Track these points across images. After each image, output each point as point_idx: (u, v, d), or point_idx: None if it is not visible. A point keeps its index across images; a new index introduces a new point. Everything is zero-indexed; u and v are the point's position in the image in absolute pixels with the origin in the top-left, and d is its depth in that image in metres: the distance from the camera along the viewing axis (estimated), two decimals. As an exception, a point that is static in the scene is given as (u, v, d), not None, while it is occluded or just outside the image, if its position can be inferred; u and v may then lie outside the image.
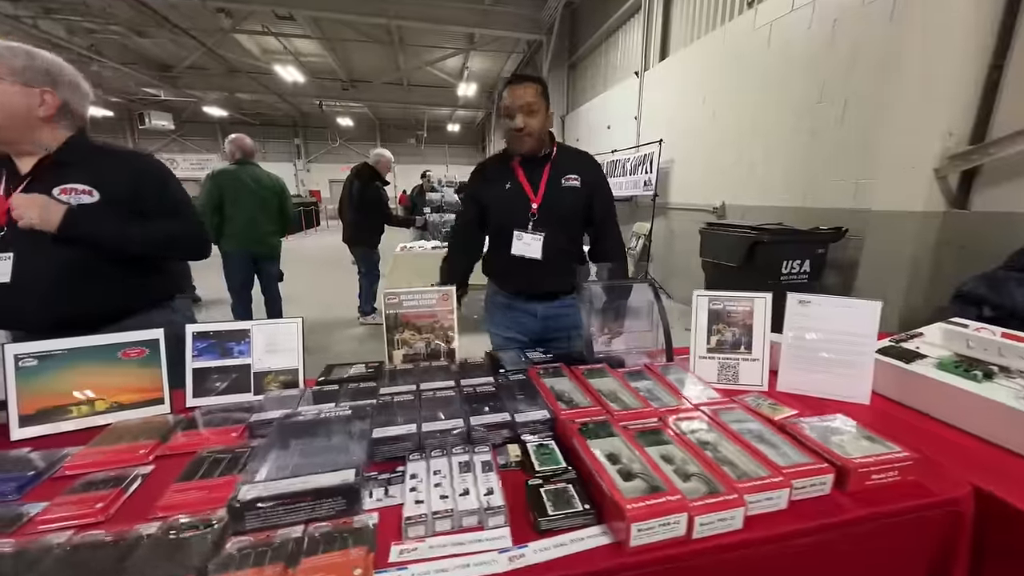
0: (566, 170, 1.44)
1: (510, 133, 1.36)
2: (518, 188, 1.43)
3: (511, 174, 1.44)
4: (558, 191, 1.42)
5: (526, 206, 1.42)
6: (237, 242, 3.20)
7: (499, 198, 1.45)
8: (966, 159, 2.23)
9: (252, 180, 3.18)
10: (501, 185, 1.44)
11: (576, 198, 1.45)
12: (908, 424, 0.97)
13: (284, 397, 1.00)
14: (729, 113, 4.16)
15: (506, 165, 1.46)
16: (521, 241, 1.41)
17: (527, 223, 1.41)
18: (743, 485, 0.68)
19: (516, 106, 1.31)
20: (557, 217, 1.42)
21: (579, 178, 1.44)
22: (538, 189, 1.42)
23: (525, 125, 1.32)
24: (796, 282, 2.87)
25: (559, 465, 0.77)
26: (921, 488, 0.76)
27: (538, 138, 1.37)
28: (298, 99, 14.21)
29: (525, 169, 1.43)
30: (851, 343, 1.07)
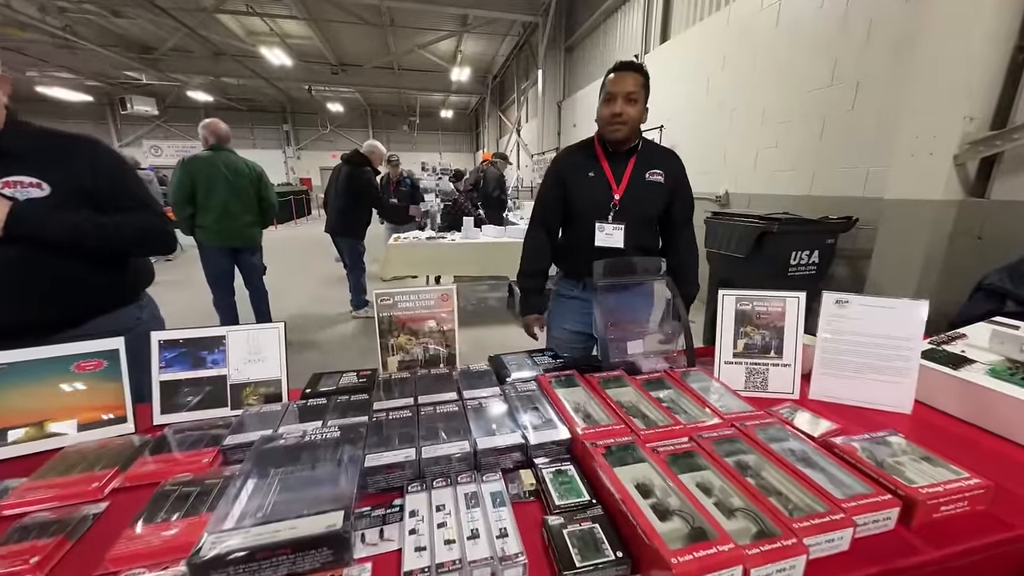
0: (651, 165, 1.41)
1: (606, 119, 1.34)
2: (601, 177, 1.40)
3: (595, 163, 1.42)
4: (641, 184, 1.40)
5: (608, 196, 1.39)
6: (213, 234, 3.00)
7: (581, 186, 1.41)
8: (988, 145, 2.13)
9: (226, 167, 2.95)
10: (584, 173, 1.41)
11: (658, 194, 1.42)
12: (960, 438, 0.88)
13: (264, 414, 0.88)
14: (733, 97, 4.02)
15: (591, 153, 1.44)
16: (603, 232, 1.39)
17: (608, 214, 1.39)
18: (801, 525, 0.58)
19: (618, 92, 1.29)
20: (638, 211, 1.40)
21: (663, 174, 1.41)
22: (621, 180, 1.40)
23: (623, 112, 1.30)
24: (804, 273, 2.78)
25: (582, 498, 0.67)
26: (993, 520, 0.67)
27: (632, 128, 1.34)
28: (286, 84, 13.79)
29: (609, 159, 1.41)
30: (893, 347, 0.97)
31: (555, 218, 1.51)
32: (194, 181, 2.87)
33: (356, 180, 3.94)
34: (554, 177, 1.49)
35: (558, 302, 1.58)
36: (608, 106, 1.32)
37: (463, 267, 4.11)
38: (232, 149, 3.08)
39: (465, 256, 4.04)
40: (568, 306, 1.54)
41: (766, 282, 2.72)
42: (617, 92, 1.30)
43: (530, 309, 1.55)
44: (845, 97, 2.94)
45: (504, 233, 4.25)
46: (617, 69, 1.33)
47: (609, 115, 1.32)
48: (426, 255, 4.04)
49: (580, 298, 1.51)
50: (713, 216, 3.20)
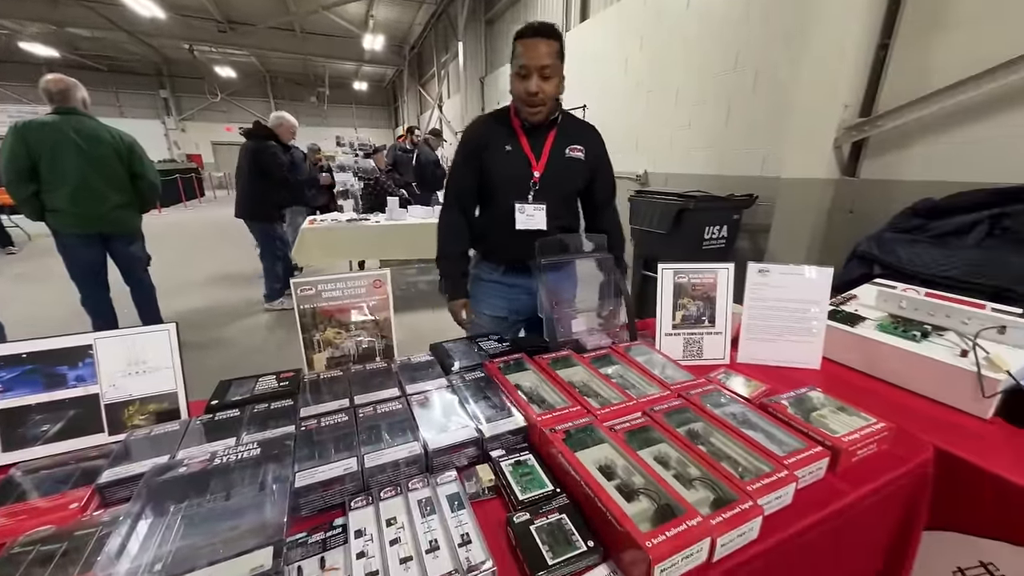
0: (571, 140, 1.32)
1: (522, 97, 1.20)
2: (519, 153, 1.28)
3: (512, 137, 1.29)
4: (561, 161, 1.30)
5: (527, 173, 1.28)
6: (70, 219, 2.41)
7: (498, 163, 1.29)
8: (858, 130, 2.46)
9: (79, 135, 2.36)
10: (500, 147, 1.28)
11: (579, 171, 1.34)
12: (859, 387, 1.00)
13: (156, 436, 0.72)
14: (650, 77, 4.19)
15: (506, 126, 1.30)
16: (523, 214, 1.29)
17: (527, 193, 1.29)
18: (754, 487, 0.60)
19: (532, 67, 1.15)
20: (559, 189, 1.31)
21: (583, 151, 1.33)
22: (540, 156, 1.29)
23: (540, 91, 1.17)
24: (715, 247, 3.04)
25: (545, 488, 0.63)
26: (895, 456, 0.76)
27: (551, 106, 1.23)
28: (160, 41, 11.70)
29: (527, 134, 1.29)
30: (805, 310, 1.07)
31: (470, 196, 1.39)
32: (30, 151, 2.26)
33: (260, 156, 3.48)
34: (467, 151, 1.34)
35: (477, 286, 1.46)
36: (523, 82, 1.18)
37: (389, 250, 3.88)
38: (89, 114, 2.48)
39: (391, 239, 3.80)
40: (487, 290, 1.44)
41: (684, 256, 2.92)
42: (531, 66, 1.16)
43: (456, 293, 1.42)
44: (746, 81, 3.20)
45: (432, 214, 4.07)
46: (527, 35, 1.16)
47: (525, 94, 1.18)
48: (347, 239, 3.74)
49: (500, 282, 1.42)
50: (636, 194, 3.34)
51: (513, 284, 1.41)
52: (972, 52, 2.05)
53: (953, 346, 0.95)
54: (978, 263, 1.73)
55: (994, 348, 0.91)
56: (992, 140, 2.05)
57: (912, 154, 2.36)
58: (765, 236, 2.96)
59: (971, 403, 0.87)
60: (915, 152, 2.35)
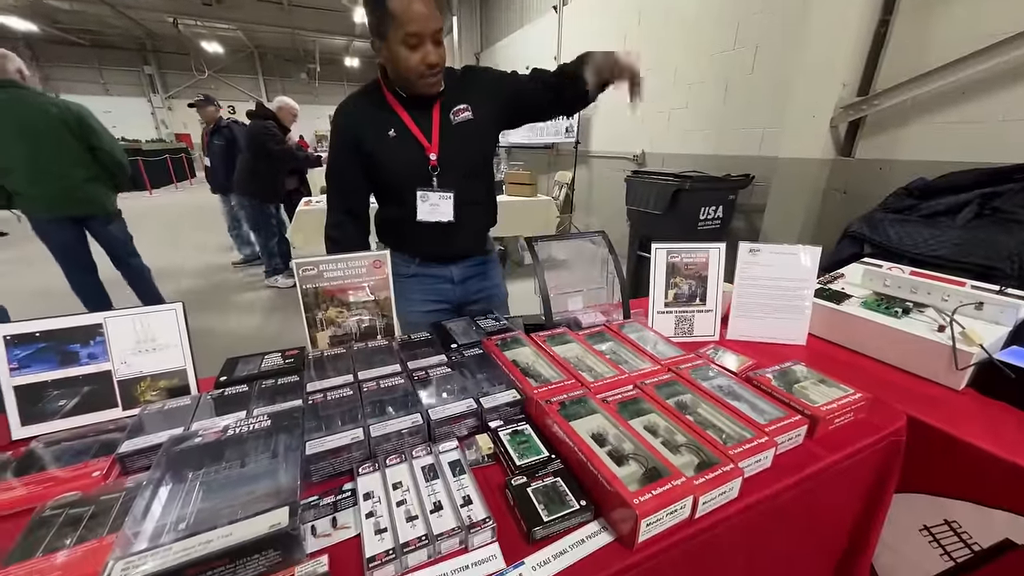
0: (454, 102, 1.13)
1: (417, 71, 1.00)
2: (406, 135, 1.10)
3: (393, 117, 1.10)
4: (452, 132, 1.13)
5: (421, 158, 1.11)
6: (34, 201, 2.31)
7: (384, 150, 1.10)
8: (855, 109, 2.45)
9: (17, 111, 2.19)
10: (383, 132, 1.10)
11: (475, 135, 1.16)
12: (842, 361, 1.04)
13: (170, 411, 0.75)
14: (648, 56, 4.11)
15: (381, 105, 1.11)
16: (427, 203, 1.14)
17: (429, 179, 1.13)
18: (735, 451, 0.65)
19: (426, 33, 0.96)
20: (462, 167, 1.16)
21: (469, 107, 1.14)
22: (431, 134, 1.11)
23: (440, 60, 1.01)
24: (711, 227, 3.06)
25: (541, 455, 0.67)
26: (870, 425, 0.81)
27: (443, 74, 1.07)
28: (142, 14, 11.27)
29: (409, 110, 1.10)
30: (793, 288, 1.11)
31: (360, 195, 1.19)
32: None
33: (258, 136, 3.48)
34: (341, 142, 1.13)
35: (396, 282, 1.15)
36: (417, 52, 0.98)
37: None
38: (25, 85, 2.26)
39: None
40: (408, 286, 1.25)
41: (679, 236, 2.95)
42: (425, 33, 0.96)
43: None
44: (745, 60, 3.16)
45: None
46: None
47: (425, 66, 1.00)
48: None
49: (421, 274, 1.27)
50: (633, 175, 3.34)
51: (434, 275, 1.28)
52: (973, 28, 2.03)
53: (932, 322, 0.99)
54: (967, 242, 1.77)
55: (970, 323, 0.95)
56: (987, 120, 2.06)
57: (908, 134, 2.37)
58: (760, 216, 2.99)
59: (945, 375, 0.92)
60: (911, 132, 2.36)
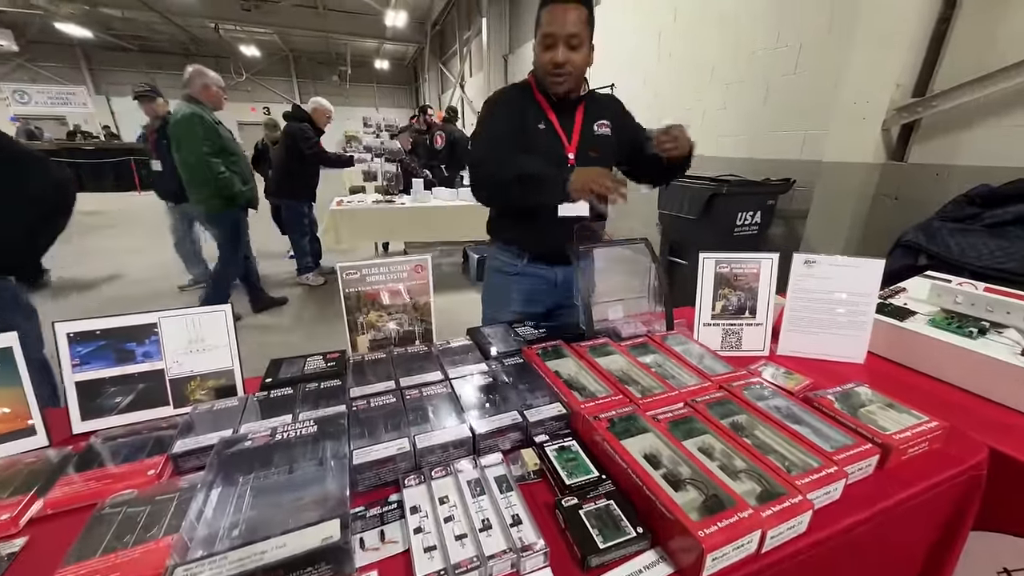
0: (597, 115, 1.25)
1: (546, 68, 1.11)
2: (551, 132, 1.20)
3: (541, 113, 1.20)
4: (591, 139, 1.23)
5: (561, 154, 1.20)
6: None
7: (533, 137, 1.17)
8: (910, 111, 2.31)
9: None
10: (534, 123, 1.19)
11: (610, 149, 1.27)
12: (907, 384, 0.97)
13: (219, 411, 0.76)
14: (684, 56, 4.02)
15: (532, 100, 1.21)
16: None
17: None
18: (803, 482, 0.60)
19: (559, 35, 1.06)
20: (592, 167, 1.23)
21: (609, 125, 1.26)
22: (572, 136, 1.21)
23: (567, 61, 1.08)
24: (748, 233, 2.95)
25: (591, 475, 0.65)
26: (947, 456, 0.74)
27: (577, 78, 1.15)
28: (187, 20, 11.79)
29: (556, 110, 1.21)
30: (852, 303, 1.04)
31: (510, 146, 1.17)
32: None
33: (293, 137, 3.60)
34: (507, 109, 1.20)
35: (496, 279, 1.33)
36: (548, 52, 1.09)
37: (414, 232, 3.92)
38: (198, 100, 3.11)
39: (416, 221, 3.83)
40: (509, 284, 1.32)
41: (714, 243, 2.88)
42: (557, 34, 1.06)
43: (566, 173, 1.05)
44: (788, 60, 3.03)
45: (456, 196, 4.07)
46: (554, 0, 1.06)
47: (551, 65, 1.09)
48: (373, 220, 3.78)
49: (524, 273, 1.31)
50: (666, 178, 3.25)
51: (535, 274, 1.31)
52: (1046, 25, 1.88)
53: (1013, 344, 0.91)
54: (1038, 256, 1.64)
55: (1059, 348, 0.86)
56: (1061, 123, 1.90)
57: (968, 138, 2.21)
58: (802, 223, 2.86)
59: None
60: (972, 136, 2.20)
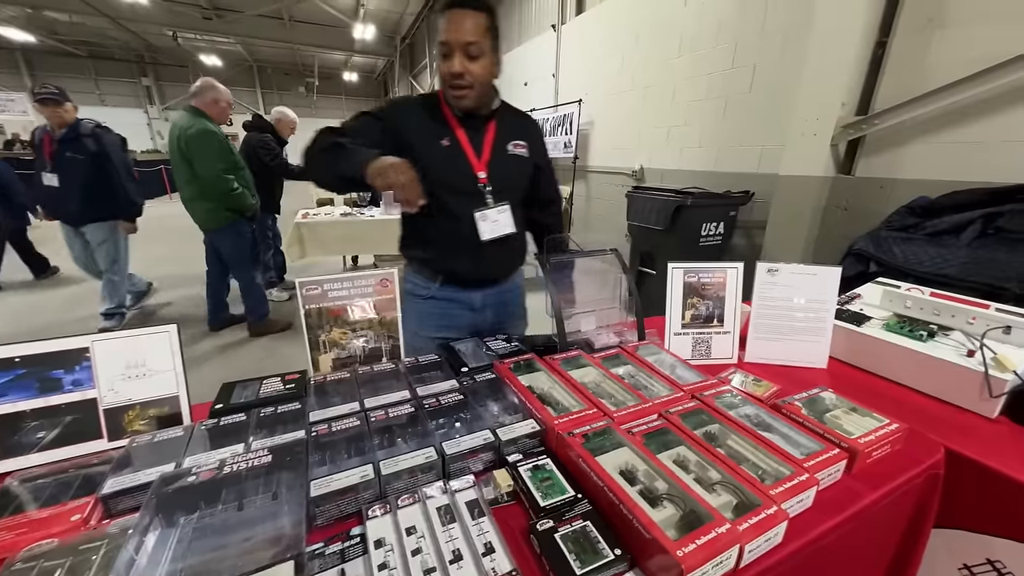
0: (513, 134, 1.18)
1: (445, 79, 1.03)
2: (458, 149, 1.10)
3: (446, 128, 1.10)
4: (505, 159, 1.16)
5: (470, 175, 1.11)
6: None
7: (436, 159, 1.07)
8: (855, 128, 2.48)
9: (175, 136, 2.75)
10: (435, 140, 1.09)
11: (524, 170, 1.21)
12: (867, 387, 1.00)
13: (160, 443, 0.69)
14: (646, 74, 4.18)
15: (438, 115, 1.11)
16: (487, 221, 1.12)
17: (480, 195, 1.12)
18: (777, 491, 0.60)
19: (455, 43, 0.98)
20: (506, 188, 1.16)
21: (527, 146, 1.19)
22: (482, 154, 1.13)
23: (465, 72, 1.00)
24: (713, 243, 3.05)
25: (567, 495, 0.62)
26: (908, 457, 0.77)
27: (481, 91, 1.06)
28: (142, 26, 11.32)
29: (464, 126, 1.11)
30: (813, 309, 1.07)
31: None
32: None
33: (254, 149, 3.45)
34: (388, 117, 1.09)
35: (409, 302, 1.19)
36: (446, 62, 1.00)
37: (384, 245, 3.83)
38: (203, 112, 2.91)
39: (386, 233, 3.75)
40: (423, 309, 1.21)
41: (680, 252, 2.96)
42: (453, 42, 0.98)
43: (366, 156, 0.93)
44: (744, 79, 3.20)
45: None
46: (451, 5, 0.99)
47: (448, 75, 1.01)
48: (342, 234, 3.68)
49: (436, 297, 1.21)
50: (634, 190, 3.34)
51: (451, 299, 1.20)
52: (969, 51, 2.06)
53: (959, 346, 0.96)
54: (973, 262, 1.76)
55: (1000, 348, 0.92)
56: (987, 140, 2.08)
57: (908, 153, 2.39)
58: (761, 233, 2.98)
59: (978, 403, 0.88)
60: (911, 151, 2.37)
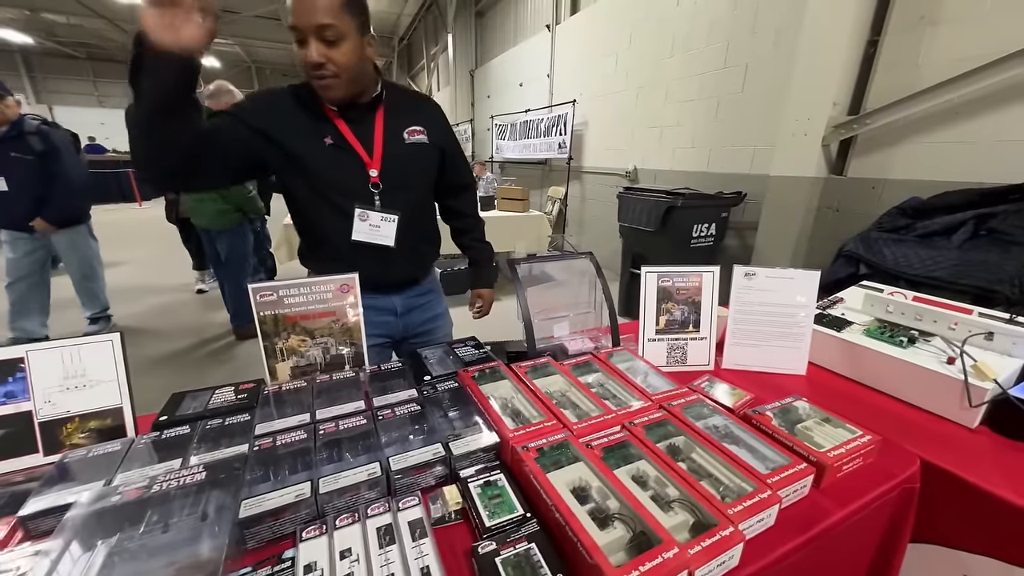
0: (407, 120, 1.05)
1: (305, 70, 0.89)
2: (344, 145, 0.98)
3: (327, 124, 0.97)
4: (401, 149, 1.03)
5: (361, 174, 1.00)
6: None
7: (319, 158, 0.96)
8: (846, 128, 2.44)
9: None
10: (316, 138, 0.96)
11: (428, 158, 1.10)
12: (845, 394, 0.97)
13: (94, 458, 0.66)
14: (640, 75, 4.15)
15: (315, 110, 0.97)
16: (366, 223, 1.01)
17: (371, 198, 1.01)
18: (735, 511, 0.57)
19: (306, 27, 0.83)
20: (406, 185, 1.05)
21: (425, 131, 1.07)
22: (372, 148, 1.00)
23: (327, 59, 0.85)
24: (704, 245, 3.02)
25: (515, 514, 0.59)
26: (880, 471, 0.73)
27: (351, 80, 0.91)
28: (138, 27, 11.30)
29: (346, 118, 0.98)
30: (791, 314, 1.04)
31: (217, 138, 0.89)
32: None
33: None
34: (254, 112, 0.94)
35: None
36: (301, 51, 0.86)
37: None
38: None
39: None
40: None
41: (672, 254, 2.93)
42: (303, 26, 0.83)
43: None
44: (736, 79, 3.17)
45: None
46: None
47: (305, 65, 0.87)
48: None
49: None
50: (625, 191, 3.31)
51: (374, 306, 1.09)
52: (960, 50, 2.04)
53: (940, 352, 0.93)
54: (964, 264, 1.73)
55: (981, 355, 0.88)
56: (979, 140, 2.05)
57: (899, 153, 2.36)
58: (753, 234, 2.95)
59: (957, 412, 0.85)
60: (902, 151, 2.34)
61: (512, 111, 6.74)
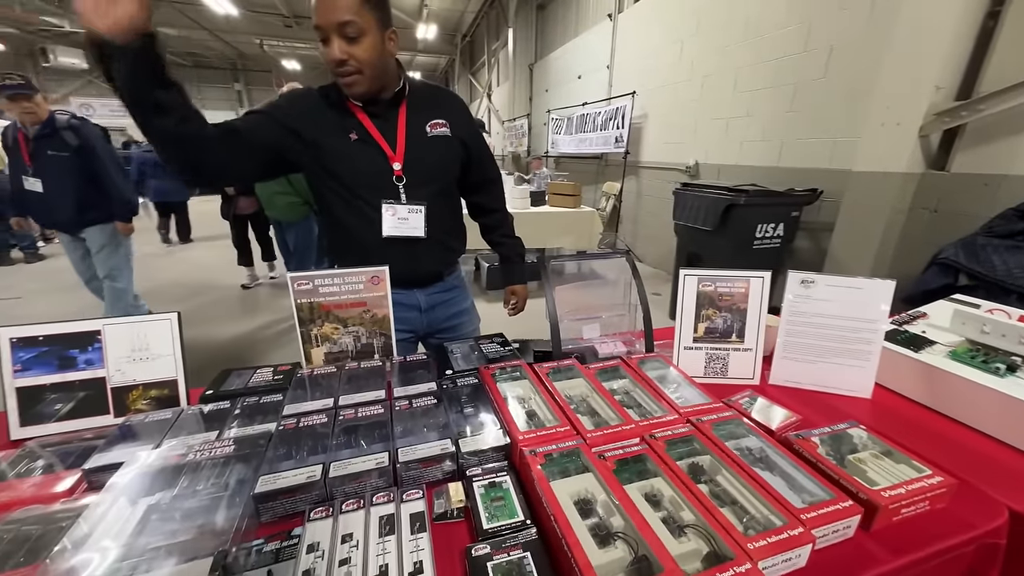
0: (429, 114, 1.06)
1: (330, 68, 0.92)
2: (368, 141, 1.00)
3: (352, 119, 1.00)
4: (424, 142, 1.05)
5: (385, 168, 1.02)
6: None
7: (343, 154, 0.99)
8: (952, 116, 2.10)
9: None
10: (342, 135, 0.99)
11: (449, 151, 1.10)
12: (920, 426, 0.84)
13: (148, 424, 0.74)
14: (706, 63, 3.88)
15: (342, 107, 1.00)
16: (394, 216, 1.03)
17: (395, 191, 1.03)
18: (756, 546, 0.51)
19: (328, 26, 0.86)
20: (429, 178, 1.06)
21: (447, 124, 1.08)
22: (396, 142, 1.02)
23: (350, 56, 0.88)
24: (769, 246, 2.77)
25: (515, 518, 0.58)
26: (954, 519, 0.62)
27: (373, 76, 0.93)
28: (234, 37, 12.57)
29: (370, 114, 1.01)
30: (857, 329, 0.92)
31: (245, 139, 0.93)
32: None
33: None
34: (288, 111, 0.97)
35: None
36: (324, 49, 0.89)
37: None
38: None
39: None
40: None
41: (732, 255, 2.72)
42: (326, 25, 0.86)
43: None
44: (817, 63, 2.85)
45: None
46: None
47: (330, 64, 0.90)
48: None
49: None
50: (682, 187, 3.12)
51: (398, 302, 1.04)
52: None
53: (1049, 385, 0.77)
54: (1100, 278, 1.43)
55: (1107, 393, 0.72)
56: None
57: (1020, 144, 1.99)
58: (829, 236, 2.66)
59: (1068, 459, 0.70)
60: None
61: (570, 104, 6.62)
